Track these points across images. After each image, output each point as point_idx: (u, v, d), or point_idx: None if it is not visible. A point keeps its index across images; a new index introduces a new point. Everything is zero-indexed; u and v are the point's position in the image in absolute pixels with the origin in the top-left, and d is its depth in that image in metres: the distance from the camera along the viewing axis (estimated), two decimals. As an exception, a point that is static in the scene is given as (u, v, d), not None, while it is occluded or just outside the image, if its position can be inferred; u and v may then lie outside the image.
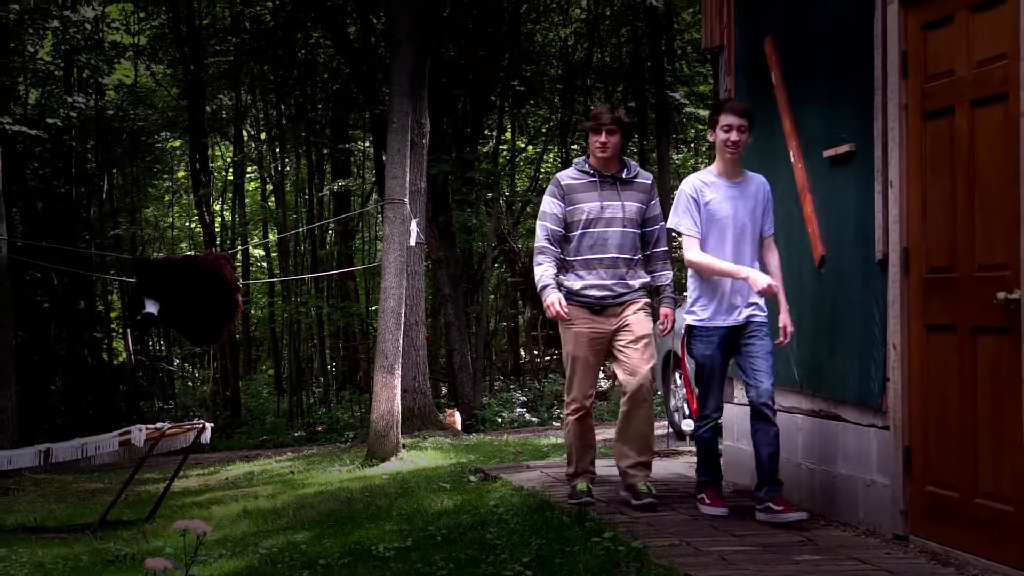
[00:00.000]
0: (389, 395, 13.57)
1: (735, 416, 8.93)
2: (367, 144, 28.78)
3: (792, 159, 7.70)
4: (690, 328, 7.49)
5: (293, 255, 30.20)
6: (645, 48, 25.20)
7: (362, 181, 29.53)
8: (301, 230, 27.93)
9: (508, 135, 28.81)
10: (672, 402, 14.11)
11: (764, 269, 7.31)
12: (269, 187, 31.32)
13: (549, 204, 7.82)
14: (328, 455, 15.35)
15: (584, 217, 7.67)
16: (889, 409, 6.68)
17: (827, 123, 7.33)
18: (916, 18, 6.49)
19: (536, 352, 28.96)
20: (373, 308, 23.30)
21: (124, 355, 29.92)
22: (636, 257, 7.81)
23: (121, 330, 30.01)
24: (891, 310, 6.55)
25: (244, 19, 27.47)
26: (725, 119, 7.21)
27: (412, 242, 14.71)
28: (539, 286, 7.76)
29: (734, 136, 7.17)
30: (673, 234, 7.91)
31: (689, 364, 14.06)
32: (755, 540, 6.75)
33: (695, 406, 7.93)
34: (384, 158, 17.01)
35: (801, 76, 7.67)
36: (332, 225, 27.82)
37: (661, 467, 10.70)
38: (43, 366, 27.74)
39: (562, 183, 7.80)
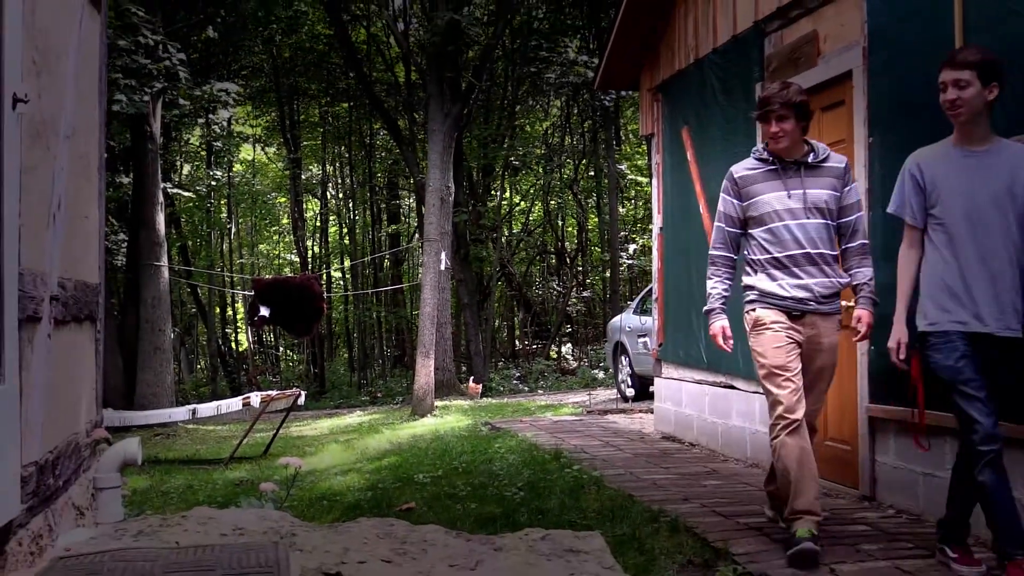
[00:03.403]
0: (426, 372, 13.62)
1: (664, 386, 8.96)
2: (411, 200, 28.82)
3: (702, 211, 7.72)
4: (923, 336, 4.06)
5: (361, 276, 30.24)
6: (601, 134, 25.21)
7: (408, 226, 29.56)
8: (366, 259, 28.03)
9: (507, 194, 28.86)
10: (619, 377, 14.17)
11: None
12: (344, 230, 31.42)
13: (723, 203, 4.79)
14: (384, 413, 15.36)
15: (767, 210, 4.59)
16: (767, 380, 6.73)
17: (724, 186, 7.31)
18: (784, 115, 6.56)
19: (527, 343, 28.97)
20: (415, 312, 23.31)
21: (246, 345, 30.00)
22: (834, 253, 4.63)
23: (244, 328, 30.09)
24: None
25: (328, 115, 27.74)
26: (941, 77, 3.98)
27: (442, 267, 14.82)
28: (706, 307, 4.94)
29: (950, 94, 3.94)
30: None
31: (631, 345, 13.86)
32: (677, 471, 6.77)
33: (922, 430, 4.36)
34: (423, 210, 17.08)
35: (707, 154, 7.69)
36: (387, 256, 27.88)
37: (614, 421, 10.73)
38: (192, 352, 27.82)
39: (736, 176, 4.73)
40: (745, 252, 4.81)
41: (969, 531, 4.10)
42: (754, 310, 4.69)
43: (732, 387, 7.33)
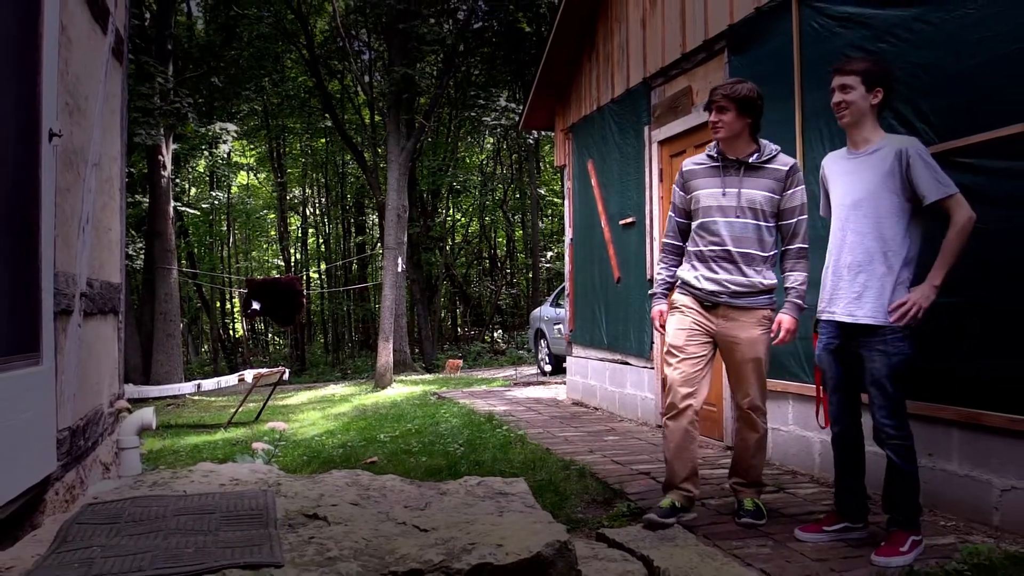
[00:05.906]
0: (386, 353, 13.52)
1: (572, 364, 9.01)
2: (374, 216, 28.60)
3: (603, 226, 7.78)
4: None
5: (334, 277, 29.90)
6: (525, 165, 25.26)
7: (372, 237, 29.27)
8: (338, 263, 27.70)
9: (451, 212, 28.76)
10: (539, 356, 14.20)
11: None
12: (321, 240, 31.07)
13: (673, 194, 4.02)
14: (353, 386, 15.21)
15: (701, 205, 3.81)
16: (653, 358, 6.80)
17: (621, 206, 7.36)
18: (667, 151, 6.62)
19: (466, 329, 28.91)
20: (377, 306, 23.13)
21: (241, 332, 29.45)
22: (762, 253, 3.73)
23: (239, 318, 29.57)
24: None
25: (308, 149, 27.45)
26: (831, 84, 3.45)
27: (399, 270, 14.70)
28: (650, 291, 4.23)
29: (835, 98, 3.41)
30: None
31: (548, 331, 13.87)
32: (584, 429, 6.79)
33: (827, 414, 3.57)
34: (384, 224, 16.93)
35: (607, 181, 7.75)
36: (355, 261, 27.62)
37: (535, 391, 10.74)
38: (197, 338, 27.23)
39: (684, 170, 3.95)
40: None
41: (848, 502, 3.50)
42: (676, 295, 3.96)
43: (626, 363, 7.40)
